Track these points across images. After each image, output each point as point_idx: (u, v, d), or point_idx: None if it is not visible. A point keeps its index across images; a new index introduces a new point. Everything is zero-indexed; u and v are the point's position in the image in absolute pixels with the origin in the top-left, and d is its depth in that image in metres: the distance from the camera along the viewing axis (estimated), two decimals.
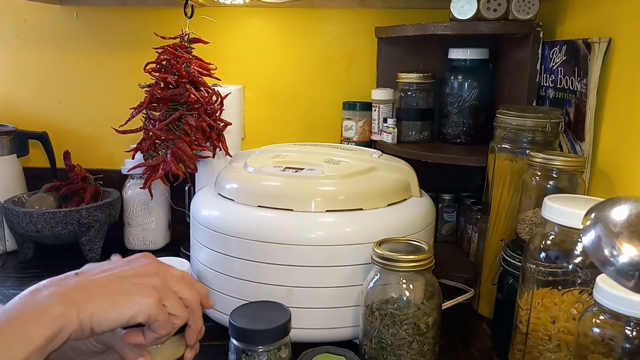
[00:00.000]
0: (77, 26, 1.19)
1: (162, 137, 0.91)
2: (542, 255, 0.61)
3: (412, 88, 1.05)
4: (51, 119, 1.23)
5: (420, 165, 0.91)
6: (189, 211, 0.89)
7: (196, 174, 1.03)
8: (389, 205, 0.76)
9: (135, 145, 0.95)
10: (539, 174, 0.71)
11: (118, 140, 1.04)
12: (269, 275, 0.71)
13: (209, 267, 0.76)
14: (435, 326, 0.65)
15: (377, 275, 0.66)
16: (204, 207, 0.78)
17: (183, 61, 0.92)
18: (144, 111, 0.93)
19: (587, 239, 0.45)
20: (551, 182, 0.70)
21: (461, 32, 0.92)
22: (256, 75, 1.19)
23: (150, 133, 0.92)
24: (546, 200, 0.62)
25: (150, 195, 0.98)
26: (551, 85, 0.87)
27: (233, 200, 0.76)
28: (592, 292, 0.51)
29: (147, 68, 0.94)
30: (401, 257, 0.63)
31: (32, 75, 1.22)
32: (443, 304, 0.70)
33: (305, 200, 0.72)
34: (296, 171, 0.78)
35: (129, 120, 0.93)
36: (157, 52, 0.93)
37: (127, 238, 1.09)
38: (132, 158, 1.01)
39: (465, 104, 1.02)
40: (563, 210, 0.59)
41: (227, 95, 0.99)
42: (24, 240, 1.02)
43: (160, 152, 0.93)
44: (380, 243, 0.67)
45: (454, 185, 1.14)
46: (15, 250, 1.04)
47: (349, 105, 1.12)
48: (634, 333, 0.48)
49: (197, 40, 0.97)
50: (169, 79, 0.91)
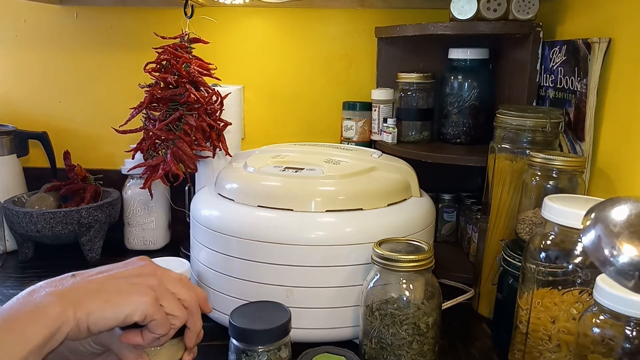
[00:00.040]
0: (77, 26, 1.19)
1: (162, 137, 0.91)
2: (542, 255, 0.61)
3: (412, 88, 1.05)
4: (51, 119, 1.23)
5: (420, 165, 0.91)
6: (189, 211, 0.89)
7: (196, 174, 1.03)
8: (389, 205, 0.76)
9: (135, 145, 0.95)
10: (539, 174, 0.71)
11: (118, 140, 1.04)
12: (269, 275, 0.71)
13: (209, 267, 0.76)
14: (435, 326, 0.65)
15: (377, 275, 0.66)
16: (204, 207, 0.78)
17: (183, 61, 0.92)
18: (144, 111, 0.93)
19: (587, 239, 0.45)
20: (551, 182, 0.70)
21: (461, 32, 0.92)
22: (256, 75, 1.19)
23: (150, 133, 0.92)
24: (546, 200, 0.62)
25: (150, 195, 0.98)
26: (551, 85, 0.87)
27: (233, 200, 0.76)
28: (592, 292, 0.51)
29: (147, 68, 0.94)
30: (401, 257, 0.63)
31: (32, 75, 1.22)
32: (443, 304, 0.70)
33: (305, 200, 0.72)
34: (296, 171, 0.78)
35: (129, 120, 0.93)
36: (157, 52, 0.93)
37: (127, 238, 1.09)
38: (132, 158, 1.01)
39: (465, 104, 1.02)
40: (563, 210, 0.59)
41: (227, 95, 0.99)
42: (24, 240, 1.02)
43: (160, 152, 0.93)
44: (380, 243, 0.67)
45: (454, 185, 1.14)
46: (15, 250, 1.04)
47: (349, 105, 1.12)
48: (634, 333, 0.48)
49: (197, 40, 0.97)
50: (169, 79, 0.91)
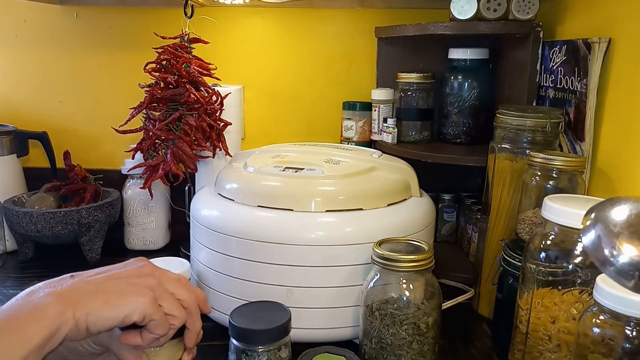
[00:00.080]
0: (77, 26, 1.19)
1: (162, 137, 0.91)
2: (542, 255, 0.61)
3: (412, 88, 1.05)
4: (51, 119, 1.23)
5: (420, 165, 0.91)
6: (189, 211, 0.89)
7: (196, 174, 1.03)
8: (389, 205, 0.76)
9: (135, 145, 0.95)
10: (539, 174, 0.71)
11: (118, 140, 1.04)
12: (269, 275, 0.71)
13: (209, 267, 0.76)
14: (435, 326, 0.65)
15: (377, 275, 0.66)
16: (204, 207, 0.78)
17: (183, 61, 0.92)
18: (144, 111, 0.93)
19: (587, 239, 0.45)
20: (551, 182, 0.70)
21: (461, 32, 0.92)
22: (256, 75, 1.19)
23: (150, 133, 0.92)
24: (546, 200, 0.62)
25: (150, 195, 0.98)
26: (551, 85, 0.87)
27: (233, 200, 0.76)
28: (592, 292, 0.51)
29: (147, 68, 0.94)
30: (401, 257, 0.63)
31: (32, 75, 1.22)
32: (443, 304, 0.70)
33: (305, 200, 0.72)
34: (296, 171, 0.78)
35: (129, 120, 0.93)
36: (157, 52, 0.93)
37: (127, 238, 1.09)
38: (132, 158, 1.01)
39: (465, 104, 1.02)
40: (563, 210, 0.59)
41: (227, 95, 0.99)
42: (24, 240, 1.02)
43: (160, 152, 0.93)
44: (380, 243, 0.67)
45: (454, 185, 1.14)
46: (15, 250, 1.04)
47: (349, 105, 1.12)
48: (634, 333, 0.48)
49: (197, 40, 0.97)
50: (169, 79, 0.91)
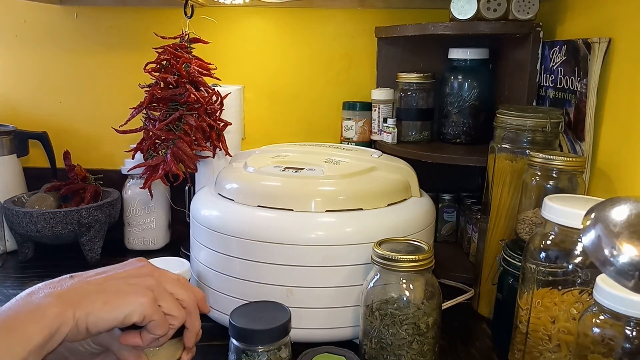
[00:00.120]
0: (77, 26, 1.19)
1: (162, 137, 0.91)
2: (542, 255, 0.61)
3: (412, 88, 1.05)
4: (51, 119, 1.23)
5: (420, 165, 0.91)
6: (189, 211, 0.89)
7: (196, 174, 1.03)
8: (389, 205, 0.76)
9: (135, 145, 0.95)
10: (539, 174, 0.71)
11: (118, 140, 1.04)
12: (269, 275, 0.71)
13: (209, 267, 0.76)
14: (435, 326, 0.65)
15: (377, 275, 0.66)
16: (204, 207, 0.78)
17: (183, 61, 0.92)
18: (144, 111, 0.93)
19: (587, 239, 0.45)
20: (551, 182, 0.70)
21: (461, 32, 0.92)
22: (256, 75, 1.19)
23: (150, 133, 0.92)
24: (546, 200, 0.62)
25: (150, 195, 0.98)
26: (551, 85, 0.87)
27: (233, 200, 0.76)
28: (592, 292, 0.51)
29: (147, 68, 0.94)
30: (401, 257, 0.63)
31: (32, 75, 1.22)
32: (443, 304, 0.70)
33: (305, 200, 0.72)
34: (296, 171, 0.78)
35: (129, 120, 0.93)
36: (157, 52, 0.93)
37: (127, 238, 1.09)
38: (132, 158, 1.01)
39: (465, 104, 1.02)
40: (563, 210, 0.59)
41: (227, 95, 0.99)
42: (24, 240, 1.02)
43: (160, 152, 0.93)
44: (380, 243, 0.67)
45: (454, 185, 1.14)
46: (15, 250, 1.04)
47: (349, 105, 1.12)
48: (634, 333, 0.48)
49: (197, 40, 0.97)
50: (169, 79, 0.91)
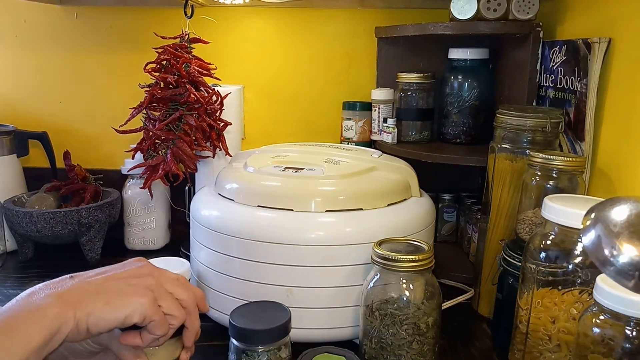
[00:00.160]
0: (77, 26, 1.19)
1: (162, 137, 0.91)
2: (542, 255, 0.61)
3: (412, 88, 1.05)
4: (51, 119, 1.23)
5: (420, 165, 0.91)
6: (189, 211, 0.89)
7: (196, 174, 1.03)
8: (389, 205, 0.76)
9: (135, 145, 0.95)
10: (539, 174, 0.71)
11: (118, 140, 1.04)
12: (269, 275, 0.71)
13: (209, 267, 0.76)
14: (435, 326, 0.65)
15: (377, 275, 0.66)
16: (204, 207, 0.78)
17: (183, 61, 0.92)
18: (144, 111, 0.93)
19: (587, 239, 0.45)
20: (551, 182, 0.70)
21: (461, 32, 0.92)
22: (256, 75, 1.19)
23: (150, 133, 0.92)
24: (546, 200, 0.62)
25: (150, 195, 0.98)
26: (551, 85, 0.87)
27: (233, 200, 0.76)
28: (592, 292, 0.51)
29: (147, 68, 0.94)
30: (401, 257, 0.63)
31: (32, 75, 1.22)
32: (443, 304, 0.70)
33: (305, 200, 0.72)
34: (296, 171, 0.78)
35: (129, 120, 0.93)
36: (157, 52, 0.93)
37: (127, 238, 1.09)
38: (132, 158, 1.01)
39: (465, 104, 1.02)
40: (563, 210, 0.59)
41: (227, 95, 0.99)
42: (24, 240, 1.02)
43: (160, 152, 0.93)
44: (380, 243, 0.67)
45: (454, 185, 1.14)
46: (15, 250, 1.04)
47: (349, 105, 1.12)
48: (634, 333, 0.48)
49: (197, 40, 0.97)
50: (169, 79, 0.91)
